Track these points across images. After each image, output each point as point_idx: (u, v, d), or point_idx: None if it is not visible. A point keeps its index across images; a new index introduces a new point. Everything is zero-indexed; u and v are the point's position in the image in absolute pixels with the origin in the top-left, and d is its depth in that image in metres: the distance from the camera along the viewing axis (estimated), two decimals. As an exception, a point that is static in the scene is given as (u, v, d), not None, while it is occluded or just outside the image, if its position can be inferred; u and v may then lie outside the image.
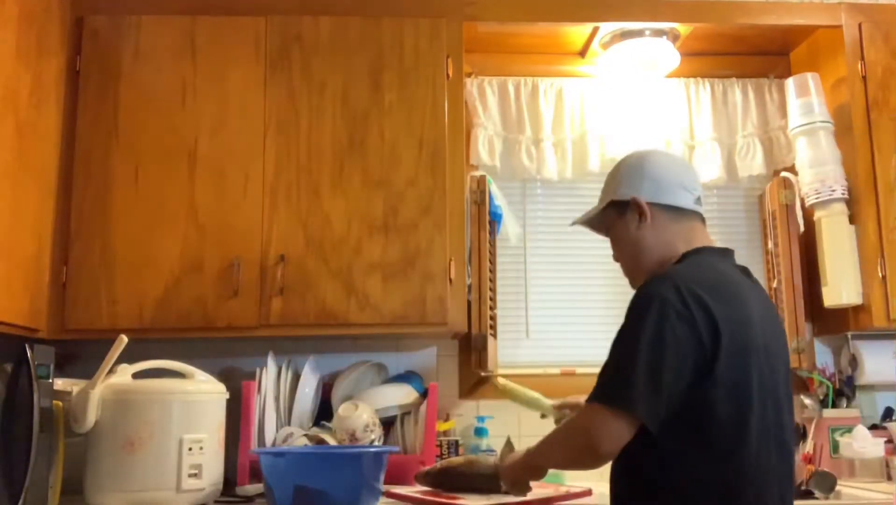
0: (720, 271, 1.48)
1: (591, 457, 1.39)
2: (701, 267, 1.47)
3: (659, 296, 1.37)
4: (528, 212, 2.78)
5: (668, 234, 1.54)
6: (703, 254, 1.52)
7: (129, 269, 2.25)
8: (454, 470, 1.84)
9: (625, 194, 1.57)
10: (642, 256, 1.56)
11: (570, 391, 2.55)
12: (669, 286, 1.38)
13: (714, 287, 1.40)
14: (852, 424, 2.42)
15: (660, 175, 1.56)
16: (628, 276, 1.62)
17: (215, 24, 2.38)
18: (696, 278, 1.41)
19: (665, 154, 1.68)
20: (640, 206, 1.54)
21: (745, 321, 1.40)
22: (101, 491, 1.87)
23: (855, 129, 2.46)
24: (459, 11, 2.45)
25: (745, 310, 1.42)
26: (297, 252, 2.28)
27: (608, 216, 1.62)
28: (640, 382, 1.32)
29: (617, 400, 1.35)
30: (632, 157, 1.64)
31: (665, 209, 1.54)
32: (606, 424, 1.35)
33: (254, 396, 2.24)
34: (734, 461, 1.36)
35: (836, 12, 2.54)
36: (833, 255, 2.45)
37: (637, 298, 1.41)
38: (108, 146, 2.31)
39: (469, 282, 2.44)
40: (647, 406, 1.32)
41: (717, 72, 2.79)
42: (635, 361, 1.34)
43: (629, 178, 1.58)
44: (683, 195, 1.55)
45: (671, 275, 1.43)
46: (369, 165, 2.34)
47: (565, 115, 2.71)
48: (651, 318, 1.35)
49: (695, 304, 1.35)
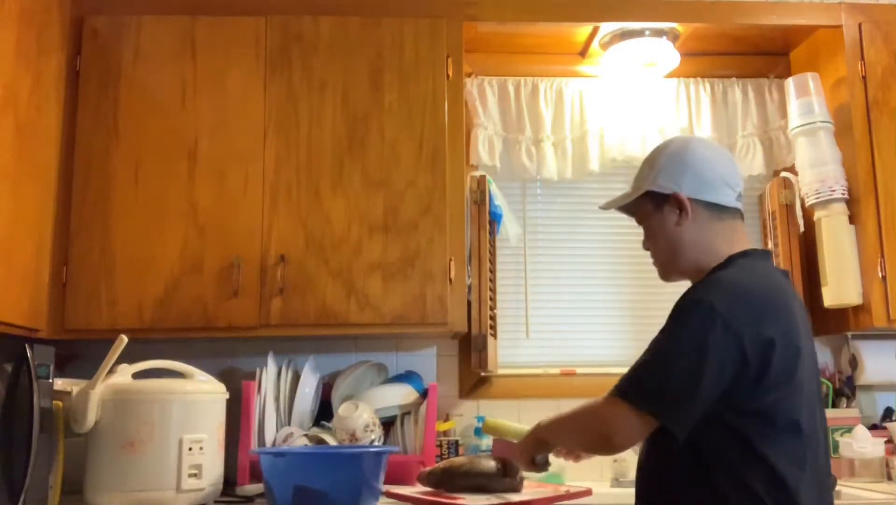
0: (771, 279, 1.43)
1: (603, 447, 1.40)
2: (753, 274, 1.41)
3: (707, 303, 1.33)
4: (528, 212, 2.78)
5: (709, 233, 1.47)
6: (752, 258, 1.46)
7: (129, 269, 2.25)
8: (457, 469, 1.84)
9: (664, 187, 1.49)
10: (680, 254, 1.49)
11: (570, 391, 2.57)
12: (720, 293, 1.34)
13: (767, 296, 1.37)
14: (852, 424, 2.42)
15: (703, 169, 1.48)
16: (661, 268, 1.56)
17: (215, 24, 2.38)
18: (748, 286, 1.37)
19: (708, 144, 1.56)
20: (681, 202, 1.47)
21: (794, 331, 1.38)
22: (101, 491, 1.87)
23: (855, 129, 2.46)
24: (459, 11, 2.45)
25: (794, 319, 1.39)
26: (297, 252, 2.28)
27: (643, 205, 1.54)
28: (675, 389, 1.31)
29: (643, 402, 1.33)
30: (673, 145, 1.54)
31: (707, 206, 1.47)
32: (627, 421, 1.33)
33: (254, 396, 2.24)
34: (794, 463, 1.33)
35: (836, 12, 2.54)
36: (833, 255, 2.45)
37: (685, 302, 1.38)
38: (108, 146, 2.31)
39: (469, 282, 2.44)
40: (676, 415, 1.31)
41: (717, 72, 2.79)
42: (672, 366, 1.32)
43: (669, 169, 1.49)
44: (726, 192, 1.48)
45: (722, 280, 1.39)
46: (369, 165, 2.34)
47: (565, 115, 2.71)
48: (696, 324, 1.32)
49: (745, 314, 1.32)
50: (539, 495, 1.82)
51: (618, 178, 2.77)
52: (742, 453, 1.32)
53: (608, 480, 2.47)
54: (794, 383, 1.35)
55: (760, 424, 1.32)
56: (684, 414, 1.31)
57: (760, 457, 1.31)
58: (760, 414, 1.32)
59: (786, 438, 1.33)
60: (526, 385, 2.64)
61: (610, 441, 1.36)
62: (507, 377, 2.65)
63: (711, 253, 1.47)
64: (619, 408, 1.35)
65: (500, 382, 2.63)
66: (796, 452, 1.33)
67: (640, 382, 1.36)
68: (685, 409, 1.31)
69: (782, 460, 1.31)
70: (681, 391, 1.31)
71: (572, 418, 1.47)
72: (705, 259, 1.47)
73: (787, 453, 1.32)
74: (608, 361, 2.69)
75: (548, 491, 1.88)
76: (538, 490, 1.88)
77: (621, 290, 2.76)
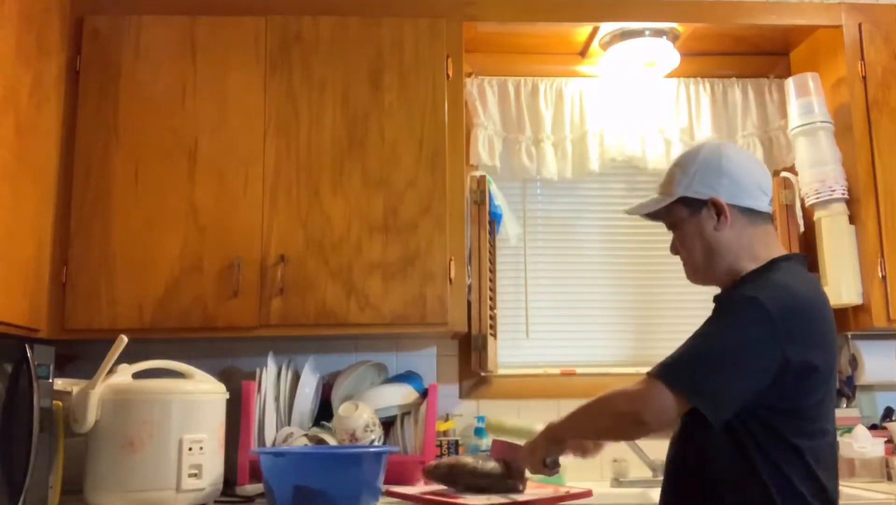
0: (813, 285, 1.47)
1: (631, 426, 1.41)
2: (798, 279, 1.44)
3: (756, 300, 1.35)
4: (528, 212, 2.78)
5: (746, 237, 1.49)
6: (794, 262, 1.49)
7: (129, 269, 2.25)
8: (463, 468, 1.83)
9: (701, 193, 1.50)
10: (717, 258, 1.51)
11: (570, 391, 2.57)
12: (769, 293, 1.37)
13: (812, 303, 1.41)
14: (852, 424, 2.42)
15: (739, 174, 1.50)
16: (693, 272, 1.57)
17: (215, 24, 2.38)
18: (795, 291, 1.39)
19: (740, 151, 1.58)
20: (720, 207, 1.48)
21: (832, 337, 1.43)
22: (101, 491, 1.87)
23: (855, 129, 2.46)
24: (459, 11, 2.45)
25: (833, 325, 1.44)
26: (297, 252, 2.28)
27: (675, 211, 1.55)
28: (715, 376, 1.34)
29: (682, 385, 1.35)
30: (705, 151, 1.55)
31: (743, 211, 1.49)
32: (659, 399, 1.35)
33: (254, 396, 2.24)
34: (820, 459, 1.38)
35: (836, 12, 2.54)
36: (833, 255, 2.45)
37: (735, 296, 1.41)
38: (108, 146, 2.31)
39: (469, 282, 2.44)
40: (713, 400, 1.34)
41: (717, 72, 2.79)
42: (715, 355, 1.35)
43: (705, 175, 1.51)
44: (761, 197, 1.51)
45: (772, 281, 1.41)
46: (369, 165, 2.34)
47: (565, 115, 2.71)
48: (746, 319, 1.35)
49: (793, 317, 1.35)
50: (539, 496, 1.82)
51: (618, 178, 2.78)
52: (783, 450, 1.35)
53: (608, 480, 2.47)
54: (829, 386, 1.40)
55: (799, 422, 1.36)
56: (722, 400, 1.34)
57: (799, 454, 1.35)
58: (799, 413, 1.36)
59: (819, 437, 1.38)
60: (526, 385, 2.64)
61: (639, 418, 1.37)
62: (507, 377, 2.65)
63: (749, 257, 1.49)
64: (655, 388, 1.36)
65: (500, 382, 2.63)
66: (824, 451, 1.39)
67: (679, 366, 1.38)
68: (723, 395, 1.34)
69: (816, 458, 1.37)
70: (720, 378, 1.34)
71: (594, 405, 1.47)
72: (743, 263, 1.49)
73: (818, 452, 1.37)
74: (608, 361, 2.69)
75: (548, 491, 1.88)
76: (538, 491, 1.88)
77: (621, 290, 2.76)
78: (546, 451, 1.57)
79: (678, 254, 1.59)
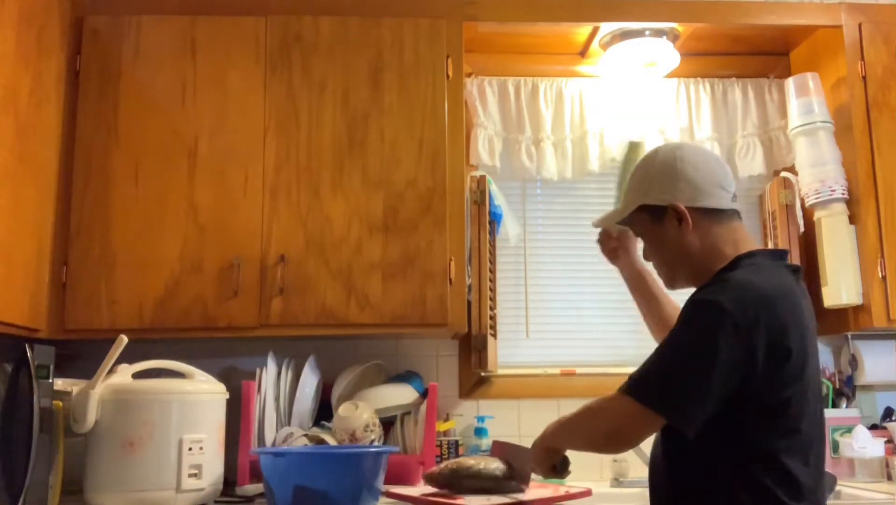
0: (778, 278, 1.42)
1: (611, 444, 1.42)
2: (760, 274, 1.40)
3: (717, 303, 1.33)
4: (528, 212, 2.78)
5: (712, 237, 1.48)
6: (758, 258, 1.46)
7: (129, 269, 2.25)
8: (466, 470, 1.83)
9: (659, 199, 1.50)
10: (686, 262, 1.50)
11: (570, 391, 2.57)
12: (729, 295, 1.34)
13: (775, 296, 1.36)
14: (852, 425, 2.42)
15: (695, 177, 1.48)
16: (666, 278, 1.57)
17: (215, 24, 2.38)
18: (756, 287, 1.36)
19: (697, 150, 1.55)
20: (680, 212, 1.47)
21: (803, 329, 1.38)
22: (101, 491, 1.87)
23: (855, 129, 2.46)
24: (459, 11, 2.45)
25: (803, 317, 1.40)
26: (297, 252, 2.28)
27: (640, 218, 1.55)
28: (684, 388, 1.32)
29: (652, 400, 1.34)
30: (660, 155, 1.53)
31: (705, 212, 1.48)
32: (635, 418, 1.35)
33: (254, 396, 2.24)
34: (798, 462, 1.35)
35: (836, 12, 2.54)
36: (833, 255, 2.45)
37: (694, 302, 1.38)
38: (108, 146, 2.31)
39: (469, 282, 2.44)
40: (685, 413, 1.32)
41: (717, 72, 2.79)
42: (682, 366, 1.33)
43: (661, 181, 1.50)
44: (721, 195, 1.49)
45: (730, 281, 1.38)
46: (369, 165, 2.34)
47: (565, 115, 2.71)
48: (706, 324, 1.33)
49: (754, 315, 1.32)
50: (539, 496, 1.82)
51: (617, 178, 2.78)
52: (751, 448, 1.34)
53: (608, 480, 2.47)
54: (802, 382, 1.36)
55: (770, 420, 1.34)
56: (693, 412, 1.32)
57: (769, 452, 1.33)
58: (770, 411, 1.34)
59: (793, 434, 1.35)
60: (526, 385, 2.64)
61: (617, 438, 1.38)
62: (507, 377, 2.65)
63: (717, 257, 1.47)
64: (628, 405, 1.35)
65: (500, 382, 2.63)
66: (801, 448, 1.36)
67: (648, 381, 1.36)
68: (694, 408, 1.32)
69: (790, 456, 1.34)
70: (690, 390, 1.32)
71: (577, 419, 1.47)
72: (711, 263, 1.47)
73: (793, 449, 1.34)
74: (608, 361, 2.69)
75: (548, 491, 1.89)
76: (538, 491, 1.88)
77: (621, 289, 2.72)
78: (548, 458, 1.57)
79: (650, 260, 1.59)
